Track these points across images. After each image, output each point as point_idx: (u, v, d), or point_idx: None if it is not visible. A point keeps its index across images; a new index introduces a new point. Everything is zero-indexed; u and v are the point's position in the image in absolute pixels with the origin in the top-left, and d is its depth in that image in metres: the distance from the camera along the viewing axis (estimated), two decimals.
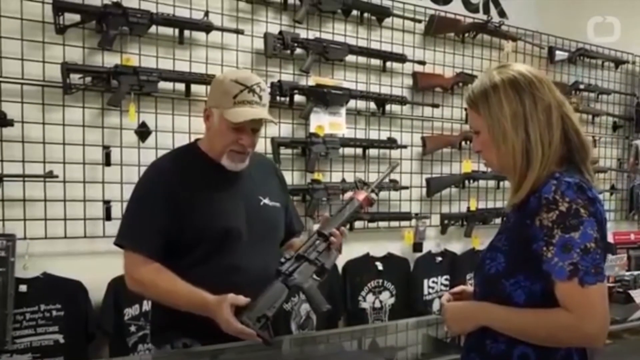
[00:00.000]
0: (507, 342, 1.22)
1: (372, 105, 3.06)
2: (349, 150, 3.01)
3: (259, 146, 1.79)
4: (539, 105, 1.22)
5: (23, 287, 2.21)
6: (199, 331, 1.60)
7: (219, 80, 1.72)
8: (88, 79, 2.30)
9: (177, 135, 2.50)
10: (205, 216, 1.65)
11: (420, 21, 3.19)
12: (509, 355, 1.23)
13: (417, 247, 3.21)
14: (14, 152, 2.22)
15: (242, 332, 1.51)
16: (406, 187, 3.16)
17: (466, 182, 3.37)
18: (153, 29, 2.43)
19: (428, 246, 3.28)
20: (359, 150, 3.03)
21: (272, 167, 2.00)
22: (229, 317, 1.50)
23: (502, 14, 3.54)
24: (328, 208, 2.81)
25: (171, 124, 2.52)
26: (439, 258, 3.30)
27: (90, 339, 2.34)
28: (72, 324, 2.29)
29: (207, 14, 2.53)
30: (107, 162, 2.37)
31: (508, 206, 1.29)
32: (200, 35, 2.57)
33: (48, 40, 2.26)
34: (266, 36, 2.68)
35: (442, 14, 3.25)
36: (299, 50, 2.79)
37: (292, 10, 2.78)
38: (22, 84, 2.23)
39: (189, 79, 2.50)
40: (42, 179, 2.25)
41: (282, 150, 2.75)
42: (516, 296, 1.21)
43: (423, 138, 3.24)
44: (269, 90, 2.44)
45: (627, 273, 2.70)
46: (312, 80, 2.85)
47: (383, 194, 3.06)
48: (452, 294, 1.44)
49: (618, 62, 4.09)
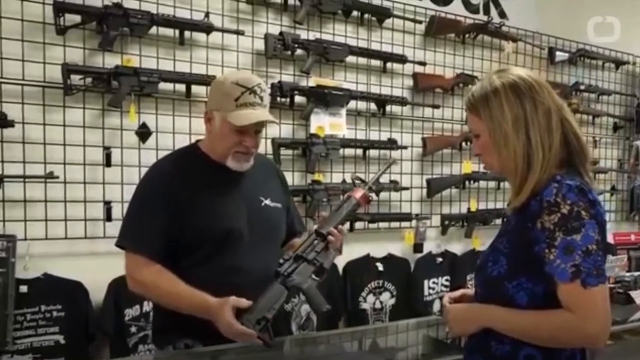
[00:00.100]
0: (512, 343, 1.23)
1: (373, 106, 3.06)
2: (349, 151, 3.01)
3: (259, 147, 1.79)
4: (539, 109, 1.22)
5: (23, 288, 2.21)
6: (200, 332, 1.60)
7: (219, 83, 1.71)
8: (88, 80, 2.30)
9: (177, 136, 2.50)
10: (206, 217, 1.64)
11: (420, 22, 3.19)
12: (514, 356, 1.23)
13: (417, 247, 3.21)
14: (15, 152, 2.23)
15: (243, 335, 1.51)
16: (406, 188, 3.16)
17: (466, 182, 3.37)
18: (153, 29, 2.44)
19: (428, 247, 3.28)
20: (360, 151, 3.03)
21: (273, 168, 2.00)
22: (230, 319, 1.50)
23: (503, 14, 3.53)
24: (328, 209, 2.81)
25: (172, 125, 2.52)
26: (440, 259, 3.30)
27: (91, 339, 2.35)
28: (73, 325, 2.30)
29: (207, 14, 2.53)
30: (108, 163, 2.37)
31: (509, 209, 1.29)
32: (200, 36, 2.57)
33: (48, 41, 2.26)
34: (267, 37, 2.68)
35: (443, 14, 3.25)
36: (299, 51, 2.79)
37: (293, 11, 2.78)
38: (22, 84, 2.23)
39: (190, 79, 2.50)
40: (42, 179, 2.25)
41: (283, 151, 2.74)
42: (518, 298, 1.21)
43: (423, 139, 3.24)
44: (269, 90, 2.44)
45: (628, 274, 2.71)
46: (312, 81, 2.85)
47: (383, 195, 3.06)
48: (452, 298, 1.44)
49: (618, 63, 4.09)
